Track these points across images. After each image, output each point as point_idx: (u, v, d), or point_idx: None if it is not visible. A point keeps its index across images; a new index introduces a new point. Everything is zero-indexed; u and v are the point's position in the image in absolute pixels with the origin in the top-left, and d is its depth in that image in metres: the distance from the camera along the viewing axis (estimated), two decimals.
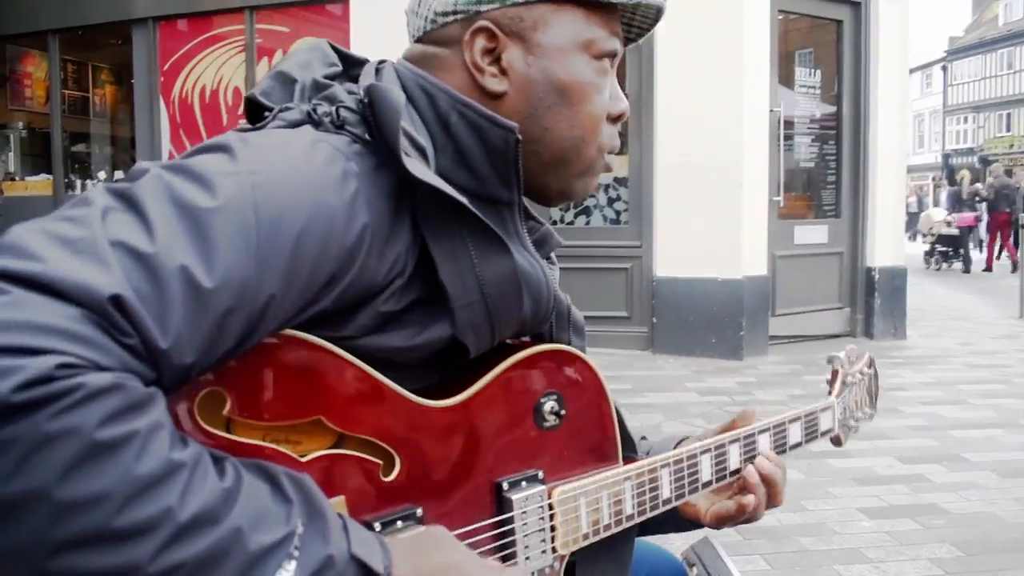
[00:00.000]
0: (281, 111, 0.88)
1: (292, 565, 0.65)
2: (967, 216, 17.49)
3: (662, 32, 7.02)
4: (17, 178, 9.92)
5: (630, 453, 1.13)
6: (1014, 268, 15.87)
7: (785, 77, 7.79)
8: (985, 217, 18.08)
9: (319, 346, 0.78)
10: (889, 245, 8.03)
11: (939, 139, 45.06)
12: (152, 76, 8.82)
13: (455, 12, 0.94)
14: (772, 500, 1.22)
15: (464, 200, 0.85)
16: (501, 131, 0.90)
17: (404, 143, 0.82)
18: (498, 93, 0.94)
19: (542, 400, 0.98)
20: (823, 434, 1.41)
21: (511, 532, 0.94)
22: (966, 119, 43.97)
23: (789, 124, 7.72)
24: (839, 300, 7.97)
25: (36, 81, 9.99)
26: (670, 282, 7.05)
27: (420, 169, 0.82)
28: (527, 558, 0.96)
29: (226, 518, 0.63)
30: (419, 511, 0.85)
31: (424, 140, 0.88)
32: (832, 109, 8.08)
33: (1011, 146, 38.37)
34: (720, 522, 1.22)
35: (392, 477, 0.84)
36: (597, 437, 1.06)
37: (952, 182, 27.22)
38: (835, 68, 8.06)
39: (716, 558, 1.52)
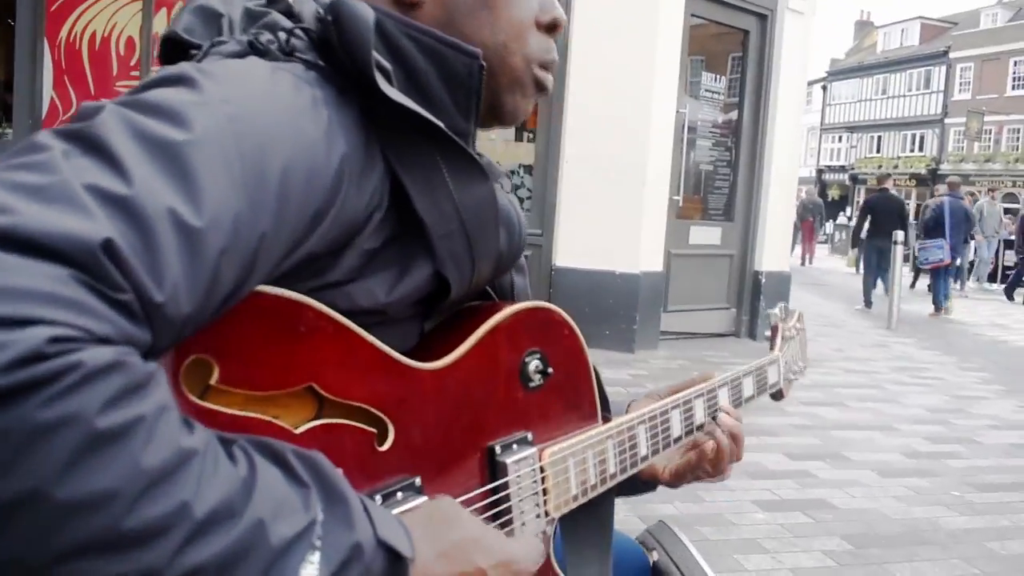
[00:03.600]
0: (214, 46, 0.78)
1: (316, 557, 0.59)
2: None
3: (577, 26, 7.07)
4: None
5: (605, 412, 1.12)
6: (811, 260, 22.72)
7: (691, 81, 7.98)
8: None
9: (309, 306, 0.72)
10: (777, 251, 8.36)
11: (815, 155, 47.22)
12: (37, 17, 8.28)
13: None
14: (735, 455, 1.23)
15: (440, 123, 0.79)
16: (464, 57, 0.84)
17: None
18: (415, 2, 0.88)
19: (526, 359, 0.95)
20: (771, 387, 1.45)
21: (506, 498, 0.91)
22: (840, 138, 46.31)
23: (692, 127, 7.91)
24: (727, 301, 8.24)
25: None
26: (569, 272, 7.12)
27: (393, 91, 0.76)
28: (523, 524, 0.93)
29: (246, 510, 0.57)
30: (417, 480, 0.81)
31: (386, 63, 0.81)
32: (733, 116, 8.33)
33: (879, 167, 40.57)
34: (679, 478, 1.21)
35: (387, 446, 0.79)
36: (579, 395, 1.05)
37: (823, 196, 30.21)
38: (739, 76, 8.31)
39: (677, 542, 1.53)
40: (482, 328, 0.90)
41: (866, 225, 12.08)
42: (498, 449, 0.91)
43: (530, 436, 0.95)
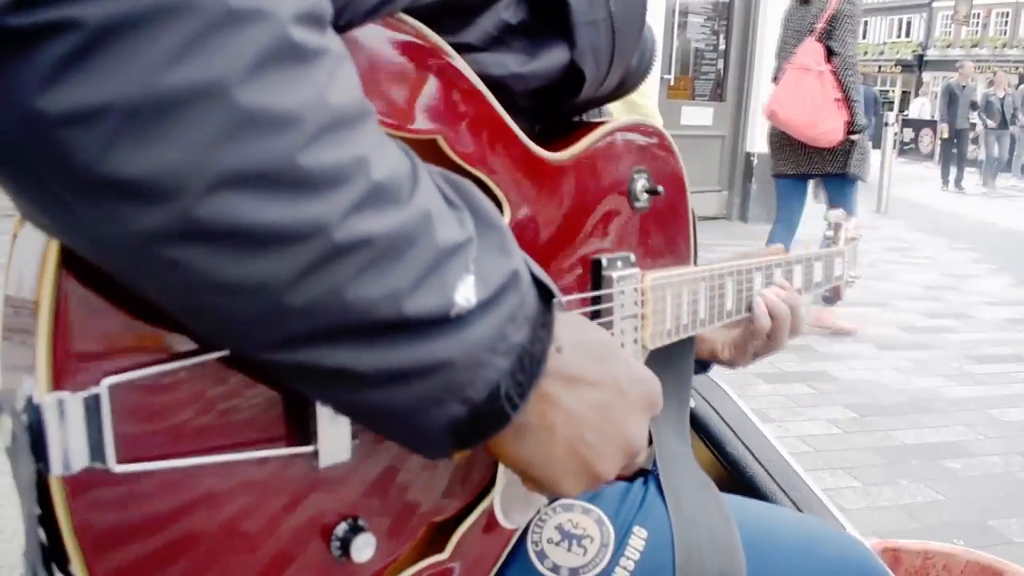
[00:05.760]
0: None
1: (470, 279, 0.50)
2: None
3: None
4: None
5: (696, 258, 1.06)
6: None
7: None
8: None
9: (448, 54, 0.65)
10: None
11: None
12: None
13: None
14: (794, 329, 1.14)
15: None
16: None
17: None
18: None
19: (635, 175, 0.89)
20: (836, 279, 1.40)
21: (608, 312, 0.85)
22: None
23: (684, 4, 7.66)
24: (718, 183, 8.13)
25: None
26: None
27: None
28: (621, 344, 0.87)
29: (415, 196, 0.48)
30: None
31: None
32: None
33: (865, 53, 40.01)
34: (739, 350, 1.13)
35: None
36: (677, 230, 0.99)
37: None
38: None
39: (715, 388, 1.48)
40: (596, 132, 0.84)
41: None
42: (604, 262, 0.85)
43: (633, 258, 0.89)
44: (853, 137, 4.16)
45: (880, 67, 40.12)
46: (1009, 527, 2.63)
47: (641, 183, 0.89)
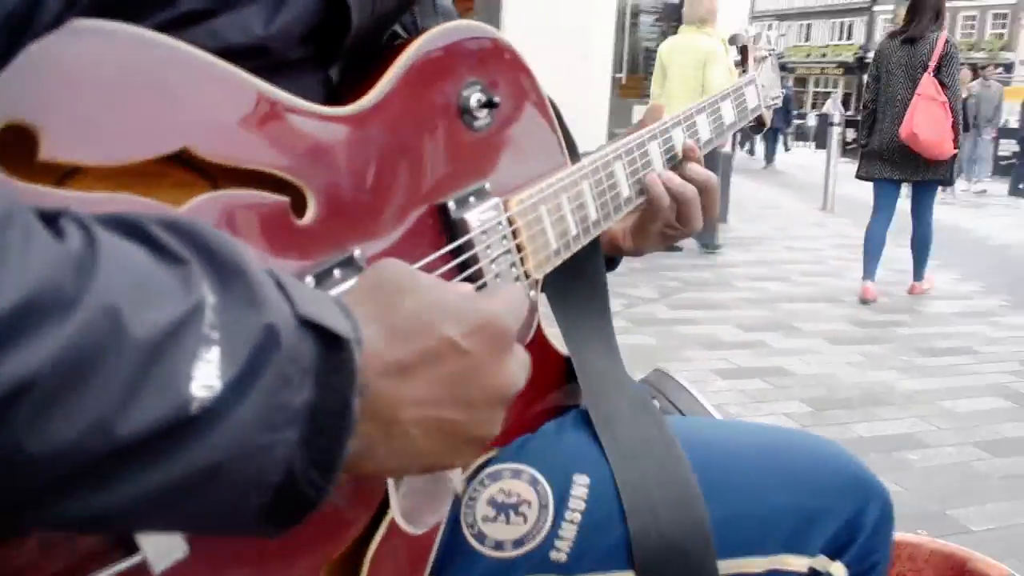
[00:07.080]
0: None
1: (213, 353, 0.40)
2: None
3: None
4: None
5: (574, 158, 0.92)
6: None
7: None
8: None
9: (161, 43, 0.53)
10: None
11: None
12: None
13: None
14: (707, 210, 1.00)
15: None
16: None
17: None
18: None
19: (464, 92, 0.76)
20: (752, 112, 1.28)
21: (474, 259, 0.75)
22: (771, 26, 46.03)
23: (635, 5, 7.69)
24: None
25: None
26: None
27: None
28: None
29: (84, 295, 0.37)
30: (356, 252, 0.64)
31: None
32: None
33: (808, 55, 40.71)
34: (641, 233, 1.00)
35: (309, 218, 0.61)
36: (538, 135, 0.87)
37: None
38: None
39: (680, 389, 1.44)
40: (401, 59, 0.70)
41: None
42: (452, 205, 0.74)
43: (487, 186, 0.78)
44: (955, 152, 5.21)
45: (823, 69, 40.82)
46: (967, 516, 2.66)
47: (475, 98, 0.76)
